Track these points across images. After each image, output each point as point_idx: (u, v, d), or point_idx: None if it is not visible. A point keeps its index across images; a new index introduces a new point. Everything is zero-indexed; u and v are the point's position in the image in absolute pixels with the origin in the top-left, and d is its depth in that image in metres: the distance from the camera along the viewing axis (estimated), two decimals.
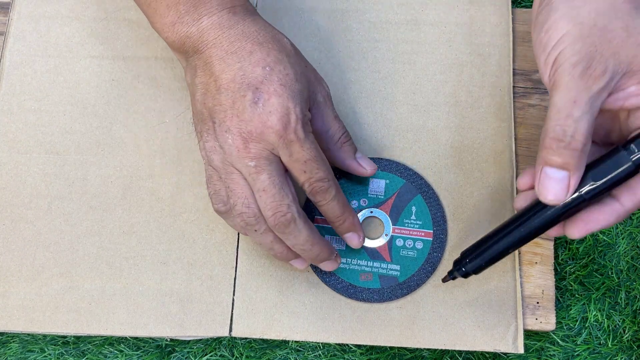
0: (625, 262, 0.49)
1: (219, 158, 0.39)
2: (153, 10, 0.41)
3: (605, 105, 0.35)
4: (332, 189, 0.41)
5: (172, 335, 0.46)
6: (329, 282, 0.46)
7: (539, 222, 0.37)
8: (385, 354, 0.47)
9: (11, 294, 0.46)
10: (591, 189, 0.35)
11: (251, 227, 0.40)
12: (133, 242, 0.47)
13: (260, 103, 0.38)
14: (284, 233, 0.40)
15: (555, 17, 0.35)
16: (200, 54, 0.40)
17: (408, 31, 0.52)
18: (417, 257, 0.47)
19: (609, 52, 0.34)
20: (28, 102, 0.50)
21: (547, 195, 0.35)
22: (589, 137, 0.34)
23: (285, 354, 0.47)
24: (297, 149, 0.39)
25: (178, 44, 0.41)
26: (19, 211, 0.48)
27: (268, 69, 0.39)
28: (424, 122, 0.49)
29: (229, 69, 0.39)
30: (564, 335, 0.48)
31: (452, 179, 0.48)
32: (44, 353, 0.48)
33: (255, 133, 0.38)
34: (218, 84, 0.39)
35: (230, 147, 0.38)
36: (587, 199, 0.35)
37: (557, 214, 0.36)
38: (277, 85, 0.38)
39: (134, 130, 0.50)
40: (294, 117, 0.38)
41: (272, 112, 0.38)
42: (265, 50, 0.39)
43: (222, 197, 0.40)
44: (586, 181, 0.35)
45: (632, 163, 0.34)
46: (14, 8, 0.53)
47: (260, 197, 0.39)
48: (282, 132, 0.38)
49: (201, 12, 0.40)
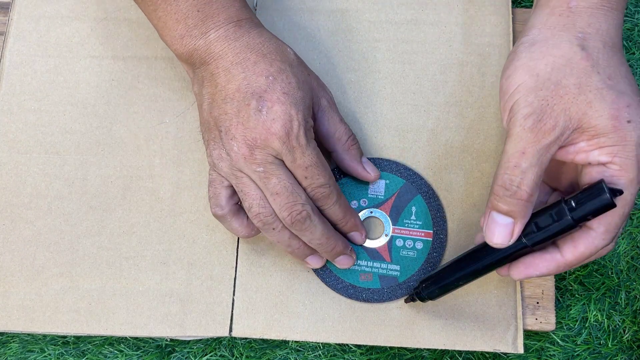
0: (625, 262, 0.49)
1: (227, 165, 0.41)
2: (163, 23, 0.42)
3: (557, 156, 0.36)
4: (334, 195, 0.42)
5: (172, 335, 0.46)
6: (329, 282, 0.46)
7: (487, 261, 0.39)
8: (385, 354, 0.47)
9: (11, 294, 0.46)
10: (532, 237, 0.37)
11: (269, 225, 0.41)
12: (133, 242, 0.47)
13: (264, 110, 0.39)
14: (300, 230, 0.41)
15: (515, 65, 0.37)
16: (206, 65, 0.41)
17: (408, 31, 0.52)
18: (417, 257, 0.47)
19: (560, 108, 0.35)
20: (28, 102, 0.50)
21: (492, 239, 0.37)
22: (535, 188, 0.35)
23: (285, 354, 0.47)
24: (299, 155, 0.40)
25: (186, 56, 0.42)
26: (19, 211, 0.48)
27: (271, 79, 0.40)
28: (424, 122, 0.49)
29: (234, 79, 0.40)
30: (564, 335, 0.48)
31: (452, 179, 0.48)
32: (44, 353, 0.48)
33: (259, 140, 0.39)
34: (224, 93, 0.40)
35: (237, 154, 0.40)
36: (529, 246, 0.37)
37: (503, 256, 0.39)
38: (280, 94, 0.39)
39: (134, 130, 0.50)
40: (296, 124, 0.39)
41: (275, 119, 0.39)
42: (269, 60, 0.40)
43: (219, 201, 0.42)
44: (530, 228, 0.37)
45: (571, 218, 0.35)
46: (14, 8, 0.52)
47: (274, 200, 0.40)
48: (285, 138, 0.39)
49: (209, 25, 0.41)
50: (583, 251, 0.36)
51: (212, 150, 0.41)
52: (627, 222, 0.50)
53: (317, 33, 0.52)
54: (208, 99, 0.41)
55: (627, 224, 0.50)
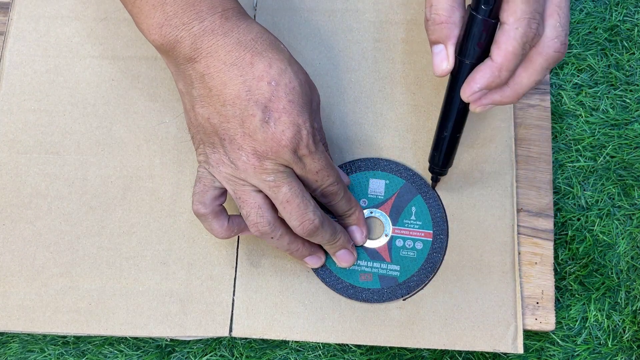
0: (625, 262, 0.49)
1: (229, 172, 0.40)
2: (138, 9, 0.39)
3: None
4: (341, 191, 0.43)
5: (172, 335, 0.46)
6: (329, 282, 0.46)
7: (451, 98, 0.41)
8: (385, 354, 0.47)
9: (11, 294, 0.46)
10: (464, 52, 0.38)
11: (267, 235, 0.41)
12: (133, 242, 0.47)
13: (271, 122, 0.38)
14: (311, 237, 0.42)
15: None
16: (194, 62, 0.39)
17: (408, 31, 0.52)
18: (417, 257, 0.47)
19: None
20: (28, 102, 0.50)
21: (437, 70, 0.39)
22: (449, 10, 0.37)
23: (285, 354, 0.47)
24: (309, 161, 0.40)
25: (167, 47, 0.39)
26: (19, 211, 0.48)
27: (274, 84, 0.38)
28: (424, 122, 0.49)
29: (231, 83, 0.38)
30: (564, 335, 0.48)
31: (452, 179, 0.48)
32: (44, 353, 0.48)
33: (270, 152, 0.39)
34: (222, 99, 0.38)
35: (245, 165, 0.39)
36: (466, 62, 0.38)
37: (454, 83, 0.40)
38: (286, 102, 0.38)
39: (134, 130, 0.50)
40: (305, 133, 0.39)
41: (284, 131, 0.38)
42: (267, 60, 0.39)
43: (205, 199, 0.41)
44: (463, 47, 0.38)
45: (478, 15, 0.37)
46: (14, 8, 0.52)
47: (285, 209, 0.40)
48: (296, 148, 0.39)
49: (190, 15, 0.38)
50: (505, 47, 0.36)
51: (210, 153, 0.40)
52: (627, 221, 0.50)
53: (317, 33, 0.52)
54: (201, 101, 0.40)
55: (626, 223, 0.50)
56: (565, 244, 0.50)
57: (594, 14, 0.54)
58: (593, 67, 0.53)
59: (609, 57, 0.53)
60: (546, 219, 0.48)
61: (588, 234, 0.49)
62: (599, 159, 0.51)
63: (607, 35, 0.54)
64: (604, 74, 0.53)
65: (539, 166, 0.49)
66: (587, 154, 0.51)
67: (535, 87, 0.45)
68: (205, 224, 0.42)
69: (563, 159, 0.51)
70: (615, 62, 0.53)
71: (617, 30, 0.54)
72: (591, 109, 0.52)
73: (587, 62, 0.53)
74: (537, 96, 0.50)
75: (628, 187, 0.50)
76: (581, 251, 0.49)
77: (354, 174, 0.48)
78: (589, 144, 0.51)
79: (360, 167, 0.48)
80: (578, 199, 0.50)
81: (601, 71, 0.53)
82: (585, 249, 0.49)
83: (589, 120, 0.52)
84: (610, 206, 0.50)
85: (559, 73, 0.53)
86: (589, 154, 0.51)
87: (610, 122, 0.52)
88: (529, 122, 0.50)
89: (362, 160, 0.49)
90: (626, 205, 0.50)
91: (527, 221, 0.48)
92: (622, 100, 0.52)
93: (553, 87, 0.52)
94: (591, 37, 0.54)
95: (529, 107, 0.50)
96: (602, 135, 0.51)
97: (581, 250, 0.49)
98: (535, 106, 0.50)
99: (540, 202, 0.48)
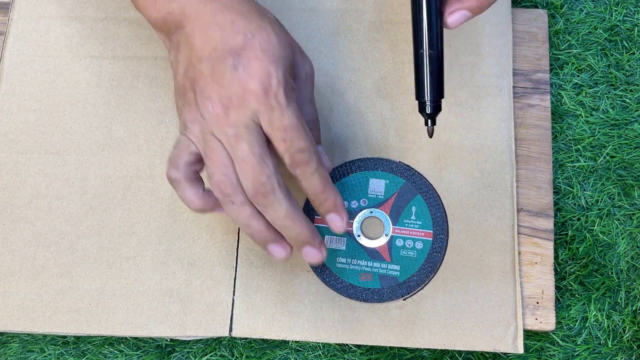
0: (625, 262, 0.49)
1: (199, 128, 0.38)
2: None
3: None
4: (313, 162, 0.39)
5: (172, 335, 0.46)
6: (329, 282, 0.46)
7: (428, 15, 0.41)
8: (385, 354, 0.47)
9: (11, 294, 0.46)
10: None
11: (227, 197, 0.38)
12: (133, 242, 0.47)
13: (240, 67, 0.37)
14: (263, 205, 0.38)
15: None
16: (182, 29, 0.39)
17: (408, 31, 0.52)
18: (417, 257, 0.47)
19: None
20: (28, 102, 0.50)
21: None
22: None
23: (285, 354, 0.47)
24: (278, 115, 0.37)
25: (161, 22, 0.41)
26: (19, 211, 0.48)
27: (250, 35, 0.38)
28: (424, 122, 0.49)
29: (211, 39, 0.38)
30: (564, 335, 0.48)
31: (452, 179, 0.48)
32: (44, 353, 0.48)
33: (235, 99, 0.37)
34: (200, 54, 0.38)
35: (210, 115, 0.37)
36: None
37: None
38: (258, 50, 0.37)
39: (134, 130, 0.50)
40: (275, 82, 0.37)
41: (252, 75, 0.37)
42: (247, 18, 0.38)
43: (178, 162, 0.39)
44: None
45: None
46: (14, 8, 0.52)
47: (240, 167, 0.37)
48: (263, 97, 0.37)
49: None
50: None
51: (186, 114, 0.39)
52: (627, 221, 0.50)
53: (317, 33, 0.52)
54: (183, 62, 0.39)
55: (626, 223, 0.50)
56: (566, 244, 0.50)
57: (594, 14, 0.54)
58: (593, 67, 0.53)
59: (609, 57, 0.53)
60: (546, 219, 0.48)
61: (588, 234, 0.49)
62: (599, 159, 0.51)
63: (607, 35, 0.54)
64: (604, 74, 0.53)
65: (539, 166, 0.49)
66: (587, 154, 0.51)
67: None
68: (178, 192, 0.39)
69: (563, 158, 0.51)
70: (615, 62, 0.53)
71: (617, 30, 0.54)
72: (591, 109, 0.52)
73: (587, 62, 0.53)
74: (537, 96, 0.51)
75: (628, 187, 0.50)
76: (581, 251, 0.49)
77: (354, 174, 0.48)
78: (589, 144, 0.51)
79: (360, 167, 0.48)
80: (578, 199, 0.50)
81: (601, 71, 0.53)
82: (585, 249, 0.49)
83: (589, 120, 0.52)
84: (610, 206, 0.50)
85: (559, 73, 0.53)
86: (589, 154, 0.51)
87: (610, 122, 0.52)
88: (529, 122, 0.50)
89: (362, 160, 0.49)
90: (626, 205, 0.50)
91: (527, 221, 0.48)
92: (622, 100, 0.52)
93: (553, 87, 0.52)
94: (591, 37, 0.54)
95: (529, 107, 0.50)
96: (602, 135, 0.51)
97: (581, 250, 0.49)
98: (535, 106, 0.50)
99: (541, 202, 0.48)
